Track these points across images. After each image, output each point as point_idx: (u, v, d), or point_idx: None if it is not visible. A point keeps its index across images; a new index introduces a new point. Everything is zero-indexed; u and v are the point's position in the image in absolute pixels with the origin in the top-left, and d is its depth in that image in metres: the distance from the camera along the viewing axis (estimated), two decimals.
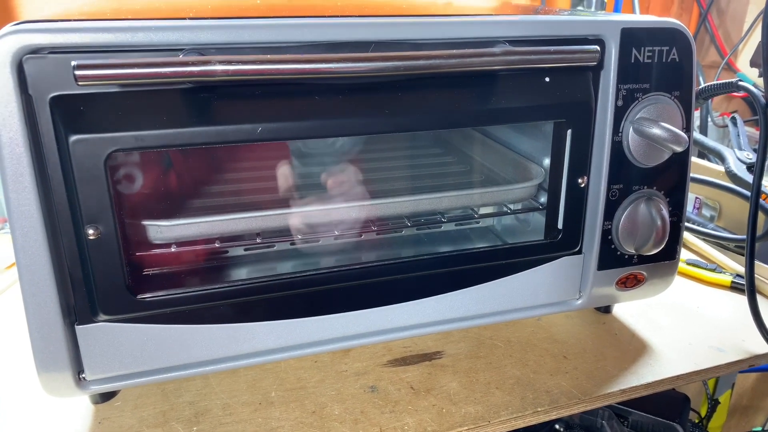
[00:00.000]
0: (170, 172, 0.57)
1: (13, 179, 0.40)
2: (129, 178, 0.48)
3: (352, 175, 0.60)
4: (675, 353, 0.60)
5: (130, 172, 0.48)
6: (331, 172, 0.60)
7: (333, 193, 0.58)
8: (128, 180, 0.48)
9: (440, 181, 0.66)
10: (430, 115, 0.47)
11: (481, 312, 0.56)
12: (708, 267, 0.76)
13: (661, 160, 0.55)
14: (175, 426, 0.50)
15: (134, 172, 0.49)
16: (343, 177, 0.60)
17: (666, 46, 0.53)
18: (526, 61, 0.45)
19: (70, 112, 0.40)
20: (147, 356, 0.47)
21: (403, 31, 0.45)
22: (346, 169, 0.61)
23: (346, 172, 0.60)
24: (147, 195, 0.50)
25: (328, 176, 0.60)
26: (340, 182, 0.59)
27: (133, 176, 0.48)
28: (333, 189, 0.58)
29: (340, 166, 0.61)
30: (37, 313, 0.43)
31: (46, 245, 0.42)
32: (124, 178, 0.47)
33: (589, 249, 0.57)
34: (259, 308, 0.49)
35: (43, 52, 0.39)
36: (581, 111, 0.51)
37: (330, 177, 0.59)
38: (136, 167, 0.49)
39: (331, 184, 0.59)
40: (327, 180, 0.59)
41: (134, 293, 0.45)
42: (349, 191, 0.59)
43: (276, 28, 0.42)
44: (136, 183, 0.49)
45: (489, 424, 0.51)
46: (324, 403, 0.53)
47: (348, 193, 0.58)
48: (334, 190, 0.59)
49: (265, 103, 0.43)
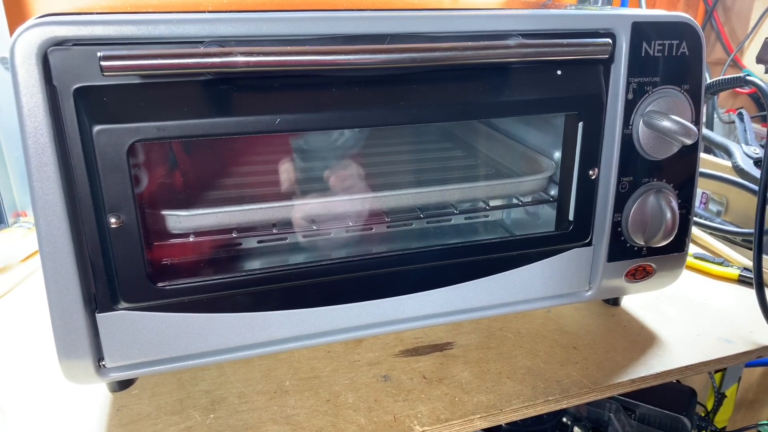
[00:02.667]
0: (189, 163, 0.57)
1: (38, 169, 0.41)
2: (149, 168, 0.49)
3: (363, 166, 0.61)
4: (683, 344, 0.61)
5: (151, 163, 0.49)
6: (343, 165, 0.61)
7: (345, 184, 0.59)
8: (149, 170, 0.49)
9: (451, 174, 0.67)
10: (445, 106, 0.47)
11: (491, 303, 0.57)
12: (715, 261, 0.76)
13: (671, 153, 0.56)
14: (192, 413, 0.51)
15: (155, 162, 0.49)
16: (354, 168, 0.61)
17: (676, 40, 0.53)
18: (539, 54, 0.46)
19: (93, 102, 0.40)
20: (165, 344, 0.48)
21: (419, 24, 0.46)
22: (358, 162, 0.61)
23: (359, 164, 0.61)
24: (166, 185, 0.51)
25: (340, 168, 0.60)
26: (352, 174, 0.60)
27: (153, 166, 0.49)
28: (345, 180, 0.59)
29: (352, 159, 0.62)
30: (59, 301, 0.44)
31: (69, 234, 0.43)
32: (145, 168, 0.48)
33: (599, 241, 0.58)
34: (274, 297, 0.50)
35: (68, 44, 0.40)
36: (592, 104, 0.52)
37: (342, 169, 0.60)
38: (156, 158, 0.50)
39: (341, 174, 0.60)
40: (339, 172, 0.60)
41: (154, 281, 0.46)
42: (361, 183, 0.60)
43: (295, 21, 0.43)
44: (156, 173, 0.50)
45: (501, 413, 0.52)
46: (338, 391, 0.54)
47: (360, 184, 0.59)
48: (346, 182, 0.59)
49: (283, 94, 0.44)
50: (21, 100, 0.39)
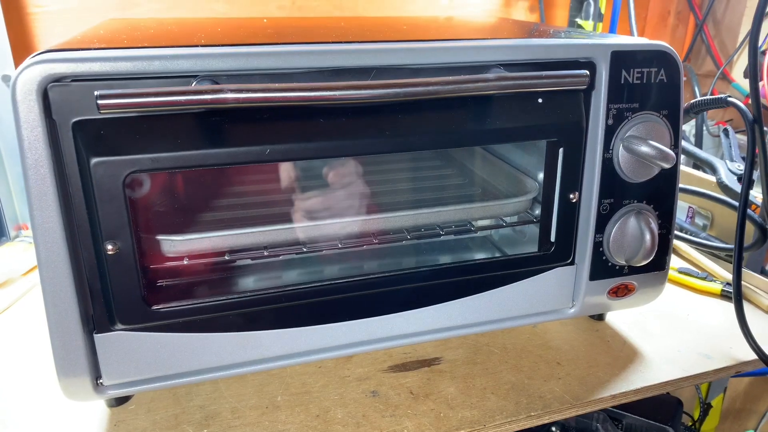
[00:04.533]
0: (182, 189, 0.59)
1: (38, 198, 0.43)
2: (145, 196, 0.51)
3: (353, 189, 0.63)
4: (664, 360, 0.63)
5: (146, 191, 0.51)
6: (331, 187, 0.63)
7: (333, 207, 0.61)
8: (144, 198, 0.51)
9: (439, 194, 0.69)
10: (429, 135, 0.49)
11: (477, 320, 0.59)
12: (699, 275, 0.78)
13: (650, 175, 0.58)
14: (187, 428, 0.53)
15: (150, 190, 0.51)
16: (343, 192, 0.63)
17: (654, 68, 0.55)
18: (518, 86, 0.48)
19: (91, 136, 0.42)
20: (161, 363, 0.50)
21: (402, 56, 0.48)
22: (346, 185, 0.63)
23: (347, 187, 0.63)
24: (161, 211, 0.53)
25: (328, 191, 0.62)
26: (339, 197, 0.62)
27: (148, 194, 0.51)
28: (333, 203, 0.61)
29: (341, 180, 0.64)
30: (59, 323, 0.46)
31: (68, 259, 0.45)
32: (140, 196, 0.50)
33: (581, 260, 0.60)
34: (266, 317, 0.52)
35: (66, 81, 0.41)
36: (573, 131, 0.54)
37: (330, 192, 0.62)
38: (151, 186, 0.52)
39: (330, 198, 0.62)
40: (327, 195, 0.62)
41: (149, 304, 0.48)
42: (349, 205, 0.62)
43: (283, 56, 0.45)
44: (151, 200, 0.52)
45: (485, 428, 0.54)
46: (328, 407, 0.56)
47: (349, 206, 0.61)
48: (335, 203, 0.61)
49: (272, 126, 0.46)
50: (22, 133, 0.41)
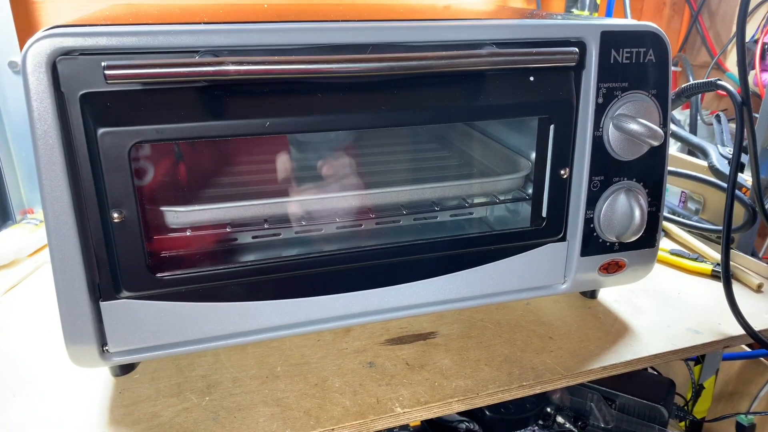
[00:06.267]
0: (186, 163, 0.61)
1: (47, 168, 0.45)
2: (150, 167, 0.53)
3: (351, 166, 0.65)
4: (653, 334, 0.65)
5: (151, 162, 0.53)
6: (331, 163, 0.64)
7: (332, 181, 0.63)
8: (149, 169, 0.53)
9: (435, 173, 0.70)
10: (423, 111, 0.51)
11: (471, 294, 0.61)
12: (690, 257, 0.80)
13: (640, 153, 0.59)
14: (189, 396, 0.55)
15: (155, 161, 0.53)
16: (342, 168, 0.64)
17: (643, 48, 0.57)
18: (509, 62, 0.49)
19: (98, 107, 0.44)
20: (164, 331, 0.52)
21: (398, 34, 0.50)
22: (345, 161, 0.65)
23: (345, 163, 0.65)
24: (165, 183, 0.55)
25: (328, 166, 0.64)
26: (339, 172, 0.64)
27: (153, 166, 0.53)
28: (332, 178, 0.63)
29: (339, 158, 0.65)
30: (66, 290, 0.48)
31: (75, 228, 0.46)
32: (145, 167, 0.52)
33: (572, 236, 0.61)
34: (266, 287, 0.54)
35: (75, 54, 0.43)
36: (563, 108, 0.55)
37: (329, 167, 0.64)
38: (156, 157, 0.54)
39: (330, 173, 0.63)
40: (326, 170, 0.64)
41: (154, 272, 0.49)
42: (347, 181, 0.63)
43: (283, 32, 0.47)
44: (155, 172, 0.53)
45: (477, 396, 0.55)
46: (326, 377, 0.57)
47: (346, 182, 0.63)
48: (333, 179, 0.63)
49: (272, 99, 0.47)
50: (32, 105, 0.43)
